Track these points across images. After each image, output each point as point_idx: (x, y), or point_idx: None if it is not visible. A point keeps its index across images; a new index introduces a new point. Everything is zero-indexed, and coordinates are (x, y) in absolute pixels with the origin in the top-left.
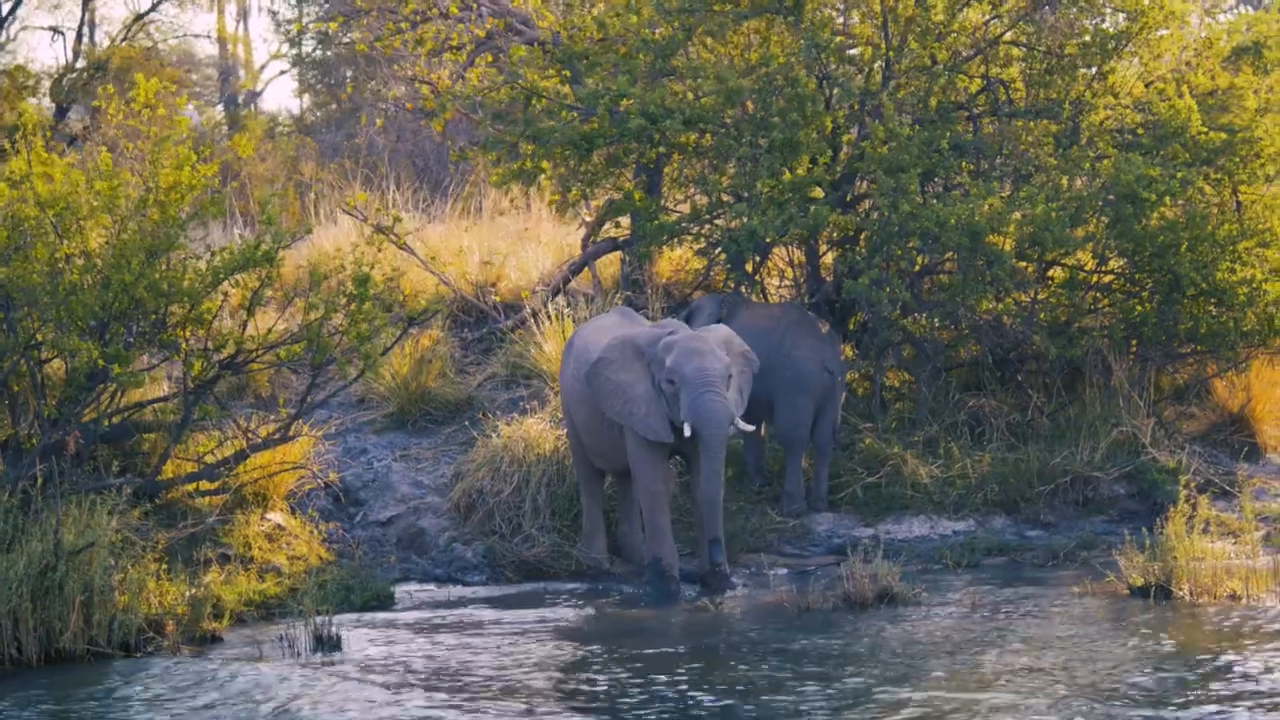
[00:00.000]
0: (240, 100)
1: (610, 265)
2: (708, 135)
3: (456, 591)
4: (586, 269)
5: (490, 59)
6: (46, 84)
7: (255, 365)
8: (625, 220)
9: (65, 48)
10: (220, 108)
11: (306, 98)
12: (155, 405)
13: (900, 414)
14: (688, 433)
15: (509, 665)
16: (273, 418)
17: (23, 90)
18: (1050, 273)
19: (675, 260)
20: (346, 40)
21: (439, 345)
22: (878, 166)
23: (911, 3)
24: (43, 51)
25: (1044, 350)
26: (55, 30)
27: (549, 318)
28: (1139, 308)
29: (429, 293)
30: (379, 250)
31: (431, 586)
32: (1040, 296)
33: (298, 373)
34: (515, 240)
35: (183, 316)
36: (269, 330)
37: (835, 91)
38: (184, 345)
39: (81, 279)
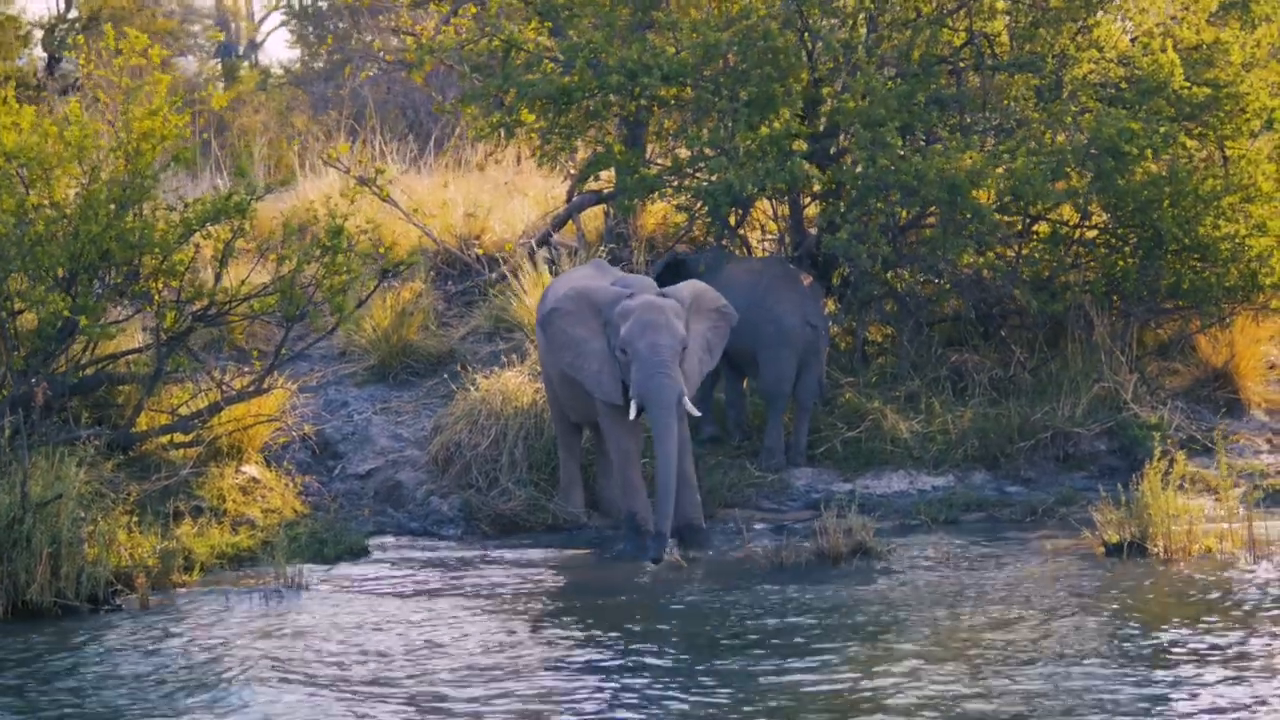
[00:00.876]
0: (240, 52)
1: (595, 218)
2: (688, 89)
3: (430, 544)
4: (571, 222)
5: (474, 10)
6: (39, 35)
7: (233, 317)
8: (610, 173)
9: None
10: (217, 60)
11: (301, 49)
12: (129, 357)
13: (882, 368)
14: (633, 414)
15: (473, 618)
16: (246, 370)
17: (15, 41)
18: (1036, 227)
19: (660, 213)
20: None
21: (421, 298)
22: (855, 120)
23: None
24: (37, 1)
25: (1025, 305)
26: None
27: (530, 270)
28: (1121, 263)
29: (412, 245)
30: (352, 202)
31: (406, 539)
32: (1023, 251)
33: (277, 325)
34: (501, 193)
35: (155, 268)
36: (242, 282)
37: (818, 45)
38: (157, 297)
39: (49, 230)
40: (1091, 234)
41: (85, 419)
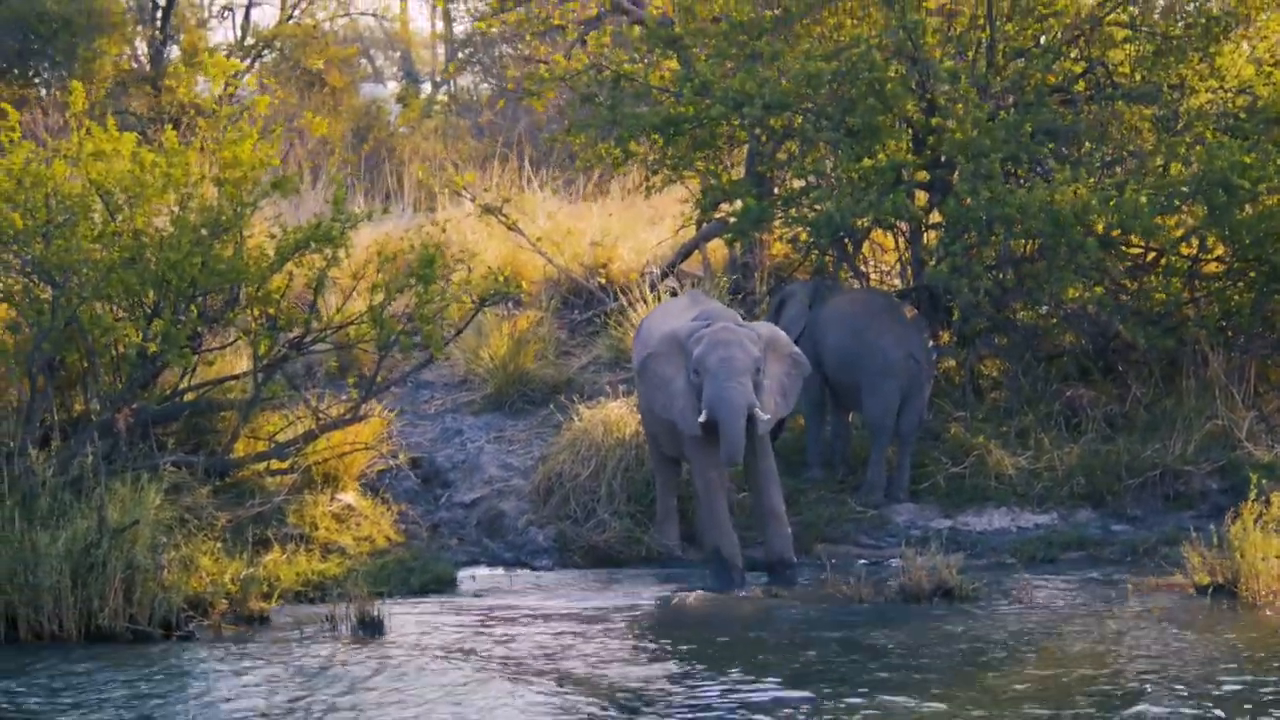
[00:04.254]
0: (435, 79)
1: (722, 247)
2: (798, 118)
3: (521, 575)
4: (697, 251)
5: (606, 38)
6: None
7: (362, 346)
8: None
9: (234, 25)
10: (395, 85)
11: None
12: (224, 384)
13: (995, 403)
14: (701, 417)
15: (546, 650)
16: (344, 398)
17: (193, 68)
18: (1161, 260)
19: (784, 243)
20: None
21: (539, 326)
22: (959, 151)
23: None
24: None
25: (1133, 340)
26: (226, 8)
27: (647, 300)
28: (1236, 298)
29: (538, 274)
30: (444, 231)
31: (499, 570)
32: (1139, 285)
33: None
34: (631, 220)
35: (251, 296)
36: (338, 310)
37: (928, 75)
38: (253, 324)
39: (126, 257)
40: (1209, 268)
41: (172, 445)
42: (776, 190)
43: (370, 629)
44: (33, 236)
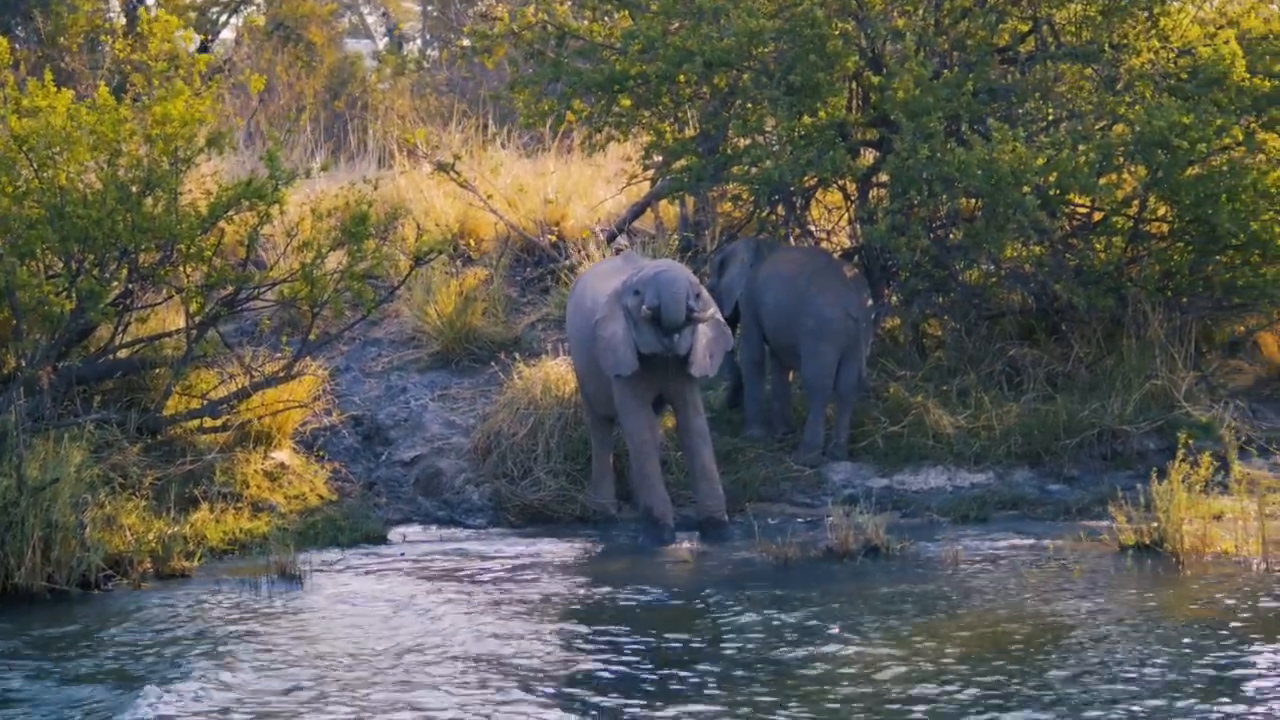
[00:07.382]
0: (403, 37)
1: (676, 205)
2: (745, 76)
3: (452, 534)
4: (650, 209)
5: None
6: (192, 17)
7: (300, 303)
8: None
9: None
10: (377, 43)
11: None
12: (158, 341)
13: (939, 362)
14: (646, 311)
15: (462, 607)
16: (279, 355)
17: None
18: (1113, 220)
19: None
20: None
21: (488, 284)
22: (898, 110)
23: None
24: None
25: (1070, 300)
26: None
27: (596, 258)
28: (1176, 258)
29: (492, 232)
30: (376, 188)
31: (432, 528)
32: (1076, 244)
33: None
34: (588, 178)
35: (183, 253)
36: (271, 267)
37: (874, 33)
38: (186, 282)
39: (62, 214)
40: (1153, 228)
41: (102, 403)
42: (724, 148)
43: (290, 586)
44: None
